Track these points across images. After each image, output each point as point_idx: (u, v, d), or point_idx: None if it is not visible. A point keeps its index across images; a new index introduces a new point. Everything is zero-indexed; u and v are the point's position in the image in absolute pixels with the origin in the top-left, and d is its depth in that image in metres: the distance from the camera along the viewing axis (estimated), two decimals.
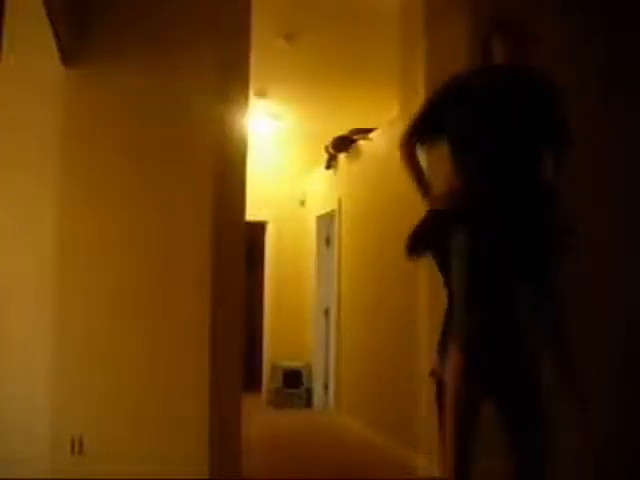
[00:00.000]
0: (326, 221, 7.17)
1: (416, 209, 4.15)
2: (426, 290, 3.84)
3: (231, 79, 3.67)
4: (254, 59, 3.89)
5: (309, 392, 7.25)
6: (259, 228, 7.59)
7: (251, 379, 7.12)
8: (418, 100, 4.16)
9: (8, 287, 3.44)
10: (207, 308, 3.46)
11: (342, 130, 6.25)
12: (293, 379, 7.21)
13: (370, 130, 5.86)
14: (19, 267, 3.48)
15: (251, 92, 4.13)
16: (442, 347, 2.29)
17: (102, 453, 3.34)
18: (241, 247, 3.73)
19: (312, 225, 7.50)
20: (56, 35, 3.28)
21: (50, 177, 3.49)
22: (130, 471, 3.26)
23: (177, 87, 3.56)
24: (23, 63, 3.31)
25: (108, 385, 3.41)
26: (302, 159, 7.54)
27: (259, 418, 6.42)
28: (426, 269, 3.84)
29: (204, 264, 3.47)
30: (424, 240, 2.43)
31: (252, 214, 4.17)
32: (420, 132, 2.48)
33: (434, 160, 2.62)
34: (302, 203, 7.75)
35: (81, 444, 3.35)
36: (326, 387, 7.09)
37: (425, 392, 3.85)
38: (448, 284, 2.38)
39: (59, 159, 3.49)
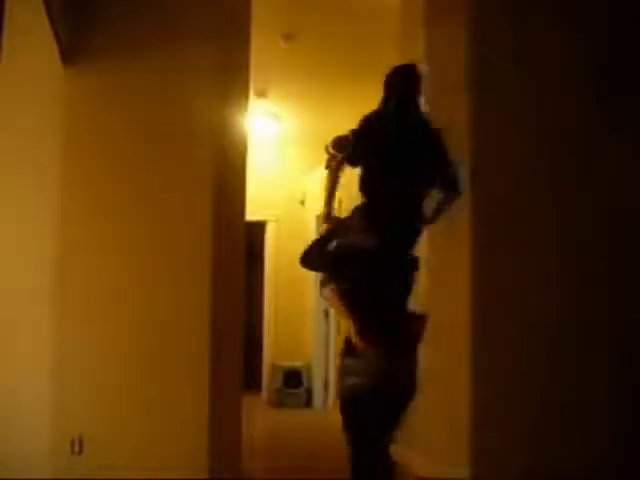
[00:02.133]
0: None
1: None
2: (425, 289, 3.84)
3: (231, 79, 3.68)
4: (254, 59, 3.89)
5: (309, 392, 7.25)
6: (259, 228, 7.58)
7: (251, 379, 7.11)
8: None
9: (9, 287, 3.44)
10: (207, 308, 3.45)
11: (342, 130, 6.24)
12: (293, 379, 7.21)
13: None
14: (21, 267, 3.48)
15: (251, 92, 4.13)
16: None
17: (102, 453, 3.34)
18: (241, 247, 3.73)
19: (312, 225, 7.49)
20: (56, 35, 3.28)
21: (50, 176, 3.49)
22: (130, 471, 3.26)
23: (177, 87, 3.56)
24: (23, 63, 3.31)
25: (108, 386, 3.41)
26: (302, 159, 7.54)
27: (259, 418, 6.42)
28: (425, 269, 3.84)
29: (204, 264, 3.47)
30: (315, 252, 2.87)
31: (252, 214, 4.17)
32: (350, 156, 2.90)
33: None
34: (302, 203, 7.74)
35: (81, 444, 3.35)
36: (326, 387, 7.09)
37: (424, 391, 3.85)
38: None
39: (59, 158, 3.50)
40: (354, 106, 6.64)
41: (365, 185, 2.85)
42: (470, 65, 3.70)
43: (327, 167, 2.97)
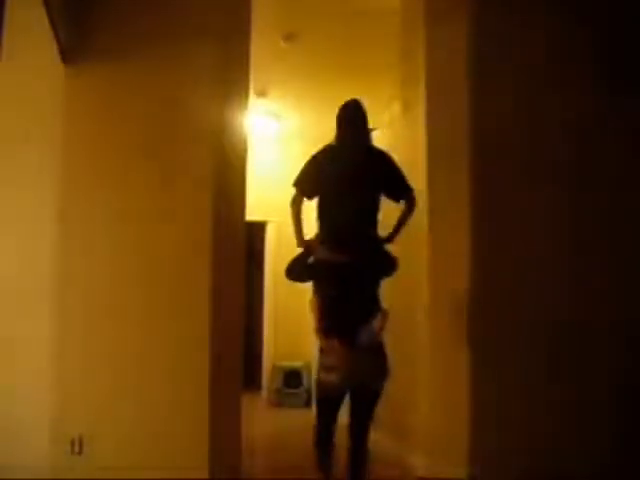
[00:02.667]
0: None
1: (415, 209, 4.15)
2: (426, 291, 3.84)
3: (231, 79, 3.67)
4: (254, 59, 3.89)
5: (309, 392, 7.25)
6: (259, 228, 7.58)
7: (251, 379, 7.12)
8: (418, 100, 4.17)
9: (10, 287, 3.44)
10: (207, 308, 3.45)
11: None
12: (293, 379, 7.21)
13: (370, 130, 5.85)
14: (21, 267, 3.48)
15: (251, 92, 4.12)
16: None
17: (102, 453, 3.34)
18: (241, 247, 3.73)
19: (312, 226, 7.49)
20: (56, 35, 3.28)
21: (50, 175, 3.49)
22: (130, 471, 3.26)
23: (177, 87, 3.56)
24: (23, 63, 3.31)
25: (108, 386, 3.41)
26: (302, 159, 7.52)
27: (259, 418, 6.42)
28: (426, 271, 3.84)
29: (204, 264, 3.47)
30: (298, 266, 3.43)
31: (252, 214, 4.17)
32: (303, 192, 3.43)
33: None
34: None
35: (81, 444, 3.35)
36: None
37: (425, 392, 3.85)
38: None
39: (59, 157, 3.49)
40: None
41: (320, 212, 3.40)
42: (470, 65, 3.70)
43: (291, 203, 3.43)
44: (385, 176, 3.37)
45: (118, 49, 3.57)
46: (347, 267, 3.16)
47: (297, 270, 3.45)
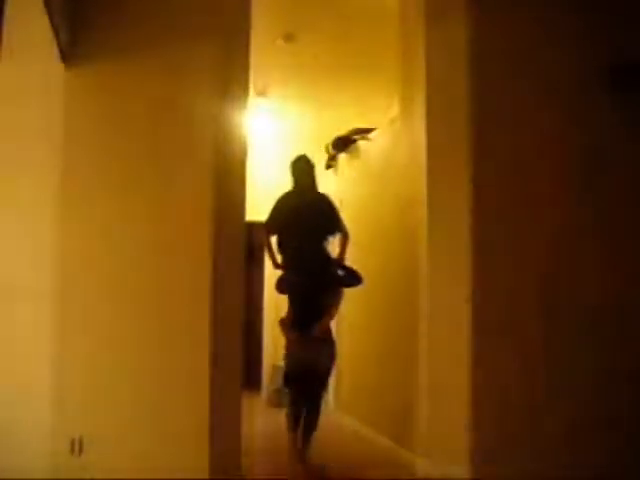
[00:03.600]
0: None
1: (414, 209, 4.16)
2: (427, 291, 3.84)
3: (231, 79, 3.67)
4: (254, 59, 3.89)
5: None
6: (259, 228, 7.56)
7: (251, 379, 7.12)
8: (418, 100, 4.18)
9: (10, 287, 3.44)
10: (207, 308, 3.45)
11: (342, 130, 6.25)
12: None
13: (370, 130, 5.86)
14: (20, 267, 3.48)
15: (251, 92, 4.13)
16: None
17: (102, 453, 3.34)
18: (241, 247, 3.72)
19: None
20: (56, 35, 3.28)
21: (50, 176, 3.49)
22: (130, 471, 3.26)
23: (177, 87, 3.56)
24: (23, 63, 3.31)
25: (108, 386, 3.41)
26: None
27: (259, 418, 6.43)
28: (427, 272, 3.84)
29: (204, 264, 3.47)
30: (280, 282, 4.72)
31: (252, 214, 4.17)
32: (270, 231, 4.75)
33: None
34: None
35: (81, 444, 3.35)
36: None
37: (425, 393, 3.85)
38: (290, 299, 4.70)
39: (59, 158, 3.49)
40: (354, 105, 6.70)
41: (280, 245, 4.70)
42: (470, 65, 3.70)
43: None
44: (326, 215, 4.65)
45: (118, 49, 3.57)
46: (302, 284, 4.45)
47: (280, 285, 4.67)
